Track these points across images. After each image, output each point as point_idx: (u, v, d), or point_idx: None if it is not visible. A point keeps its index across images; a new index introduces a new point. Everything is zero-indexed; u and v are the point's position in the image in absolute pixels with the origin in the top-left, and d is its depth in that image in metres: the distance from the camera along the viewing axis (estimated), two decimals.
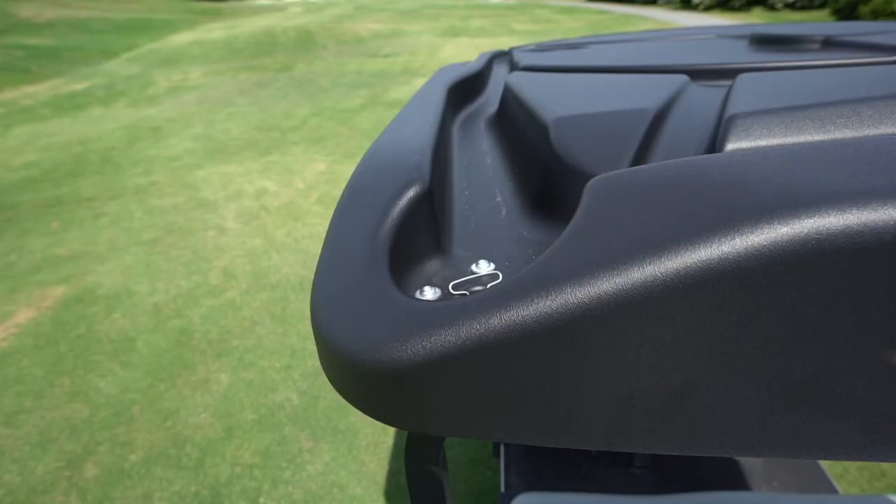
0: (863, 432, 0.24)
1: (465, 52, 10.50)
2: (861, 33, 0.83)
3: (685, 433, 0.26)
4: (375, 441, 1.95)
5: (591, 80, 0.66)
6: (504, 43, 11.46)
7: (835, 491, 1.07)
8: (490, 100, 0.89)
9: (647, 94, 0.56)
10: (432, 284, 0.35)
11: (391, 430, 2.00)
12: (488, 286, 0.34)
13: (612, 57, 0.88)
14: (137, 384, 2.29)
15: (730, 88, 0.53)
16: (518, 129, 0.60)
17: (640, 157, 0.43)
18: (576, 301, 0.24)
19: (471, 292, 0.34)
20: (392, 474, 1.82)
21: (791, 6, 16.18)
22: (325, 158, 4.97)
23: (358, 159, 4.85)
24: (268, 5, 29.18)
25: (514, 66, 0.96)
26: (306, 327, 2.60)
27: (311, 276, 3.02)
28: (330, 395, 2.17)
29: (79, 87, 9.25)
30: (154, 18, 19.37)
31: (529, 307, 0.24)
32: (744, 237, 0.22)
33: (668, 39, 1.14)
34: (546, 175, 0.46)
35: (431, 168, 0.41)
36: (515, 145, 0.59)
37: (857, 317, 0.22)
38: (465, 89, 0.85)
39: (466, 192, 0.51)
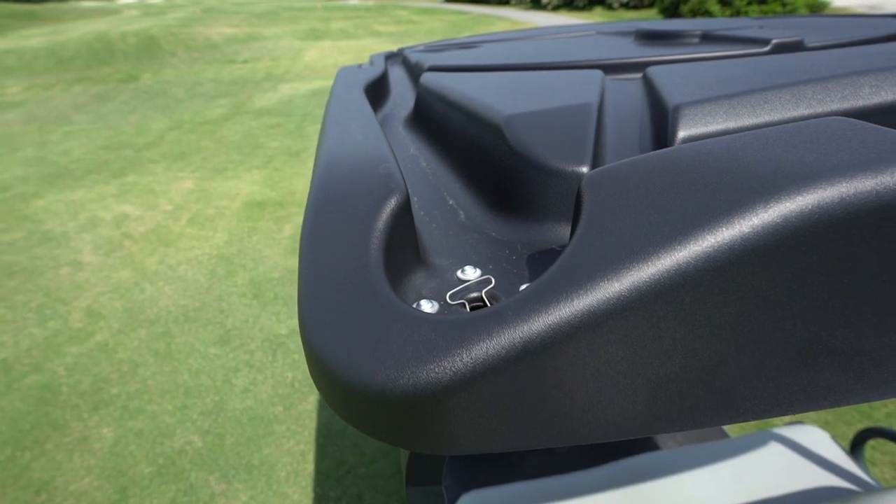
0: (857, 378, 0.28)
1: (331, 56, 10.27)
2: (727, 28, 0.95)
3: (715, 405, 0.27)
4: (296, 469, 1.86)
5: (516, 78, 0.67)
6: (369, 45, 11.39)
7: (727, 436, 1.24)
8: (397, 102, 0.87)
9: (578, 89, 0.58)
10: (425, 297, 0.34)
11: (311, 455, 1.91)
12: (483, 291, 0.35)
13: (520, 55, 0.90)
14: None
15: (649, 80, 0.58)
16: (454, 131, 0.59)
17: (598, 149, 0.45)
18: (616, 294, 0.24)
19: (468, 300, 0.34)
20: (319, 501, 1.75)
21: (625, 5, 18.24)
22: (192, 175, 4.57)
23: (230, 174, 4.48)
24: (95, 7, 25.84)
25: (416, 68, 0.94)
26: (198, 361, 2.38)
27: (196, 304, 2.79)
28: (237, 431, 2.01)
29: None
30: None
31: (571, 306, 0.24)
32: (760, 216, 0.24)
33: (558, 37, 1.20)
34: (504, 174, 0.46)
35: (402, 175, 0.39)
36: (454, 147, 0.58)
37: (849, 278, 0.26)
38: (375, 92, 0.83)
39: (415, 199, 0.50)
